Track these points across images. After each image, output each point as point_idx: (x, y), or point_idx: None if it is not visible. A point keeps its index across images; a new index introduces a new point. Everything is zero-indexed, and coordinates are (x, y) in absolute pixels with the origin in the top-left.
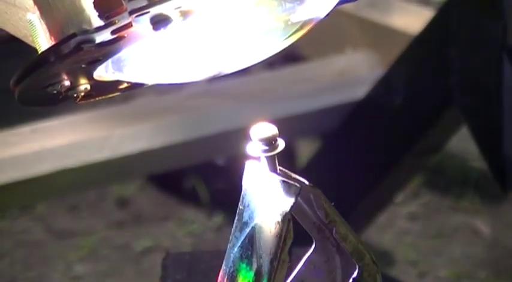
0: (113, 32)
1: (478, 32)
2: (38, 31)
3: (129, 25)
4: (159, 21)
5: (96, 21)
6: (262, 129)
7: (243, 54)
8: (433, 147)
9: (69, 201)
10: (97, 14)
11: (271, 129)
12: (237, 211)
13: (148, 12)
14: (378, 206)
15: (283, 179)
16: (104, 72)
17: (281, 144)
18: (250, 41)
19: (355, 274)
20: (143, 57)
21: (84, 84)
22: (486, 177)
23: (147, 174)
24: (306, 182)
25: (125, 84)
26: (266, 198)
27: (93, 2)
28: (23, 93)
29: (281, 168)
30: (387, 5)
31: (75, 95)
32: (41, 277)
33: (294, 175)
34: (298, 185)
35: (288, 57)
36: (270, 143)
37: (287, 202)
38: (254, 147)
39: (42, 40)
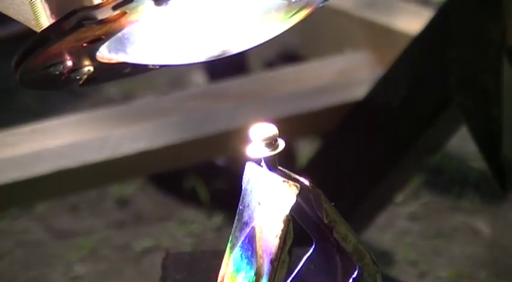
0: (114, 8)
1: (478, 32)
2: (39, 11)
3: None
4: None
5: None
6: (262, 130)
7: (247, 33)
8: (433, 147)
9: (69, 201)
10: None
11: (271, 129)
12: (237, 211)
13: None
14: (378, 206)
15: (283, 179)
16: (106, 53)
17: (281, 144)
18: (255, 19)
19: (355, 274)
20: (147, 37)
21: (87, 66)
22: (486, 177)
23: (147, 174)
24: (306, 182)
25: (129, 69)
26: (266, 198)
27: None
28: (24, 75)
29: (281, 168)
30: (387, 5)
31: (78, 78)
32: (41, 277)
33: (294, 175)
34: (298, 185)
35: (288, 57)
36: (270, 143)
37: (287, 202)
38: (254, 147)
39: (44, 20)
